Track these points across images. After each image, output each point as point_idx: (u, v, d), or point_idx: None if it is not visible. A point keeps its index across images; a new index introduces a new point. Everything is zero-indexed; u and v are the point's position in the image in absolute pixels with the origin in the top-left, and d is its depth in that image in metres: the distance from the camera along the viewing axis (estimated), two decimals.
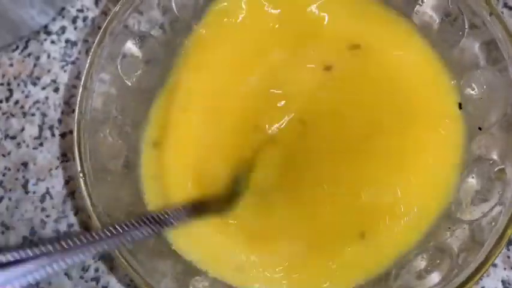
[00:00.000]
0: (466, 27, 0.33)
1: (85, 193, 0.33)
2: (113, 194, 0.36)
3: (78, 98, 0.34)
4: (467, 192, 0.33)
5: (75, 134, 0.34)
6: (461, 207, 0.33)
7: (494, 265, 0.39)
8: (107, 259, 0.43)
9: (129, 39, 0.38)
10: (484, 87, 0.34)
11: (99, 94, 0.37)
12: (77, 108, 0.35)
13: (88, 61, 0.36)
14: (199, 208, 0.34)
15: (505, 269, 0.39)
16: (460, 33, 0.34)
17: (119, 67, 0.38)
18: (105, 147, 0.36)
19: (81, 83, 0.35)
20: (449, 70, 0.35)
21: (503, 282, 0.39)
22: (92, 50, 0.36)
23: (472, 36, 0.34)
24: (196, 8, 0.40)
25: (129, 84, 0.39)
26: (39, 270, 0.25)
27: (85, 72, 0.36)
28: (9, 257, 0.25)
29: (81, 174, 0.33)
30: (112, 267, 0.43)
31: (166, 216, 0.31)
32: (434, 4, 0.35)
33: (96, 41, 0.37)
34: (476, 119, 0.34)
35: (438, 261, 0.32)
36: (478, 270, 0.30)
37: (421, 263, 0.33)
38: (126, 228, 0.29)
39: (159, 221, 0.30)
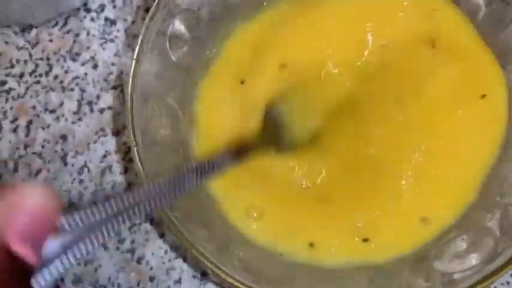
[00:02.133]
0: None
1: (137, 158, 0.34)
2: (158, 167, 0.37)
3: (132, 71, 0.35)
4: (509, 175, 0.34)
5: (128, 104, 0.35)
6: (502, 190, 0.34)
7: None
8: (142, 232, 0.44)
9: (178, 15, 0.39)
10: None
11: (147, 69, 0.38)
12: (130, 80, 0.36)
13: (141, 35, 0.37)
14: (245, 149, 0.35)
15: None
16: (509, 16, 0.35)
17: (167, 43, 0.39)
18: (153, 120, 0.37)
19: (134, 56, 0.36)
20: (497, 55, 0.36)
21: None
22: (144, 25, 0.37)
23: None
24: None
25: (175, 59, 0.40)
26: (107, 230, 0.24)
27: (138, 46, 0.37)
28: (82, 217, 0.24)
29: (134, 143, 0.34)
30: (147, 239, 0.44)
31: (213, 160, 0.32)
32: None
33: (148, 16, 0.38)
34: None
35: (479, 243, 0.33)
36: None
37: (462, 244, 0.34)
38: (177, 179, 0.29)
39: (208, 165, 0.31)
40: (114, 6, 0.50)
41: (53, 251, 0.22)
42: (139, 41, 0.36)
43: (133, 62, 0.35)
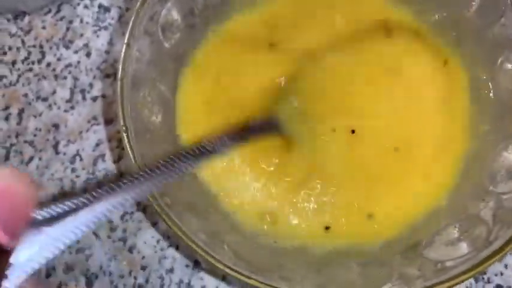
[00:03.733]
0: (509, 2, 0.34)
1: (127, 146, 0.33)
2: (150, 152, 0.36)
3: (122, 57, 0.35)
4: (502, 165, 0.34)
5: (118, 89, 0.34)
6: (495, 180, 0.34)
7: None
8: (135, 221, 0.44)
9: (170, 2, 0.39)
10: None
11: (139, 55, 0.37)
12: (119, 66, 0.35)
13: (130, 23, 0.36)
14: (240, 132, 0.35)
15: None
16: (502, 8, 0.34)
17: (159, 29, 0.38)
18: (145, 107, 0.37)
19: (125, 41, 0.35)
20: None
21: None
22: (135, 11, 0.37)
23: None
24: None
25: (168, 46, 0.39)
26: (94, 218, 0.24)
27: (128, 32, 0.36)
28: (63, 207, 0.23)
29: (124, 128, 0.33)
30: (140, 228, 0.44)
31: (208, 144, 0.32)
32: None
33: (137, 4, 0.37)
34: None
35: (471, 232, 0.33)
36: (507, 243, 0.31)
37: (454, 233, 0.34)
38: (171, 162, 0.29)
39: (202, 150, 0.31)
40: None
41: (26, 246, 0.22)
42: (129, 26, 0.35)
43: (124, 47, 0.35)
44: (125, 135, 0.33)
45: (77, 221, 0.24)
